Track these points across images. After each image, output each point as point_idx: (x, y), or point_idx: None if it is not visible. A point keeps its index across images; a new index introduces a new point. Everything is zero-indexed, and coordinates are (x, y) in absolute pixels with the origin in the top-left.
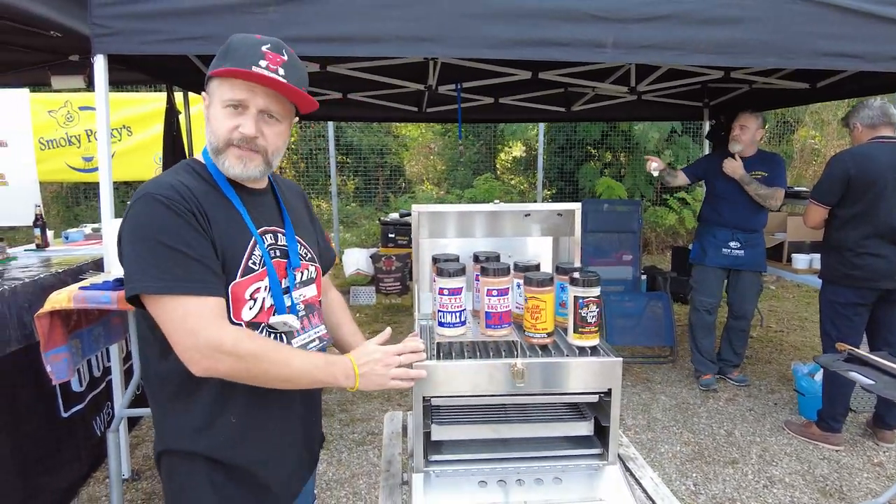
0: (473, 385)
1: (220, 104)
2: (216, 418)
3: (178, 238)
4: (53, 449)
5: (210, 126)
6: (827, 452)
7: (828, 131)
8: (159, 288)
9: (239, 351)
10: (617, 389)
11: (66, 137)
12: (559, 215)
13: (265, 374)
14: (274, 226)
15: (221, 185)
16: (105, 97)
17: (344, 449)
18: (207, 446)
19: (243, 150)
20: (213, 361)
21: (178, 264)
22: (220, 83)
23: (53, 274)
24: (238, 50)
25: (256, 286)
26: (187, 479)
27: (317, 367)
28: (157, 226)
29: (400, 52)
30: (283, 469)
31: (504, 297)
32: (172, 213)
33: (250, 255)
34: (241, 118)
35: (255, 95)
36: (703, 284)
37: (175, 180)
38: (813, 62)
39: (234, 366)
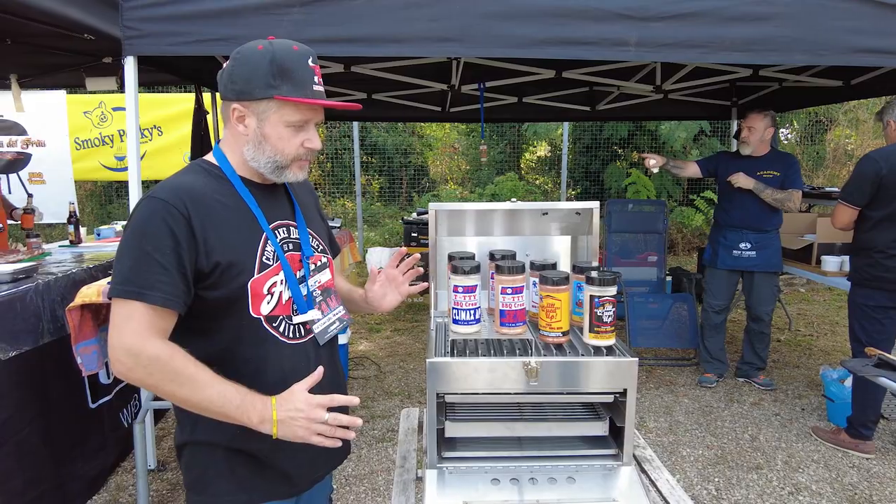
0: (487, 382)
1: (282, 124)
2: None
3: (154, 240)
4: (82, 438)
5: (270, 144)
6: (857, 460)
7: (863, 130)
8: (118, 292)
9: (152, 366)
10: (632, 390)
11: (101, 137)
12: (578, 214)
13: (171, 395)
14: (286, 220)
15: (236, 185)
16: (134, 97)
17: (364, 445)
18: (227, 436)
19: (304, 160)
20: (126, 368)
21: (143, 269)
22: (282, 105)
23: (85, 269)
24: (294, 72)
25: (273, 280)
26: (207, 467)
27: (229, 403)
28: (143, 230)
29: (422, 52)
30: (305, 455)
31: (518, 296)
32: (161, 216)
33: (263, 251)
34: (306, 134)
35: (316, 113)
36: (713, 287)
37: (183, 183)
38: (845, 59)
39: (144, 380)
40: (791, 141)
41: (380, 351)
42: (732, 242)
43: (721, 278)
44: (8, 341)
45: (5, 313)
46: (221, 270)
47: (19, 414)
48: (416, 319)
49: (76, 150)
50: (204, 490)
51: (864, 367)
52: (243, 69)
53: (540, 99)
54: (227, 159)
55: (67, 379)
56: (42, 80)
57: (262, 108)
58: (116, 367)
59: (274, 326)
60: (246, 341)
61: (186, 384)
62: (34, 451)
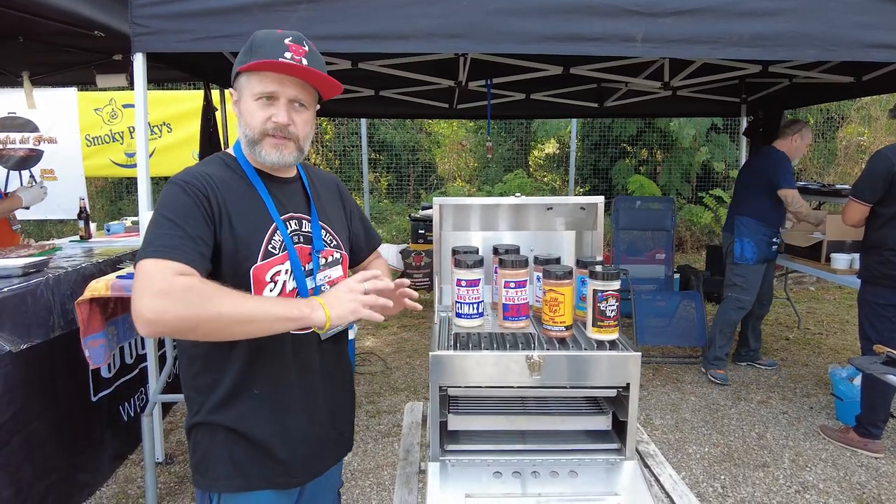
0: (489, 376)
1: (251, 98)
2: (241, 390)
3: (178, 212)
4: (86, 431)
5: (243, 119)
6: (865, 459)
7: (876, 127)
8: (141, 255)
9: (187, 295)
10: (635, 384)
11: (111, 134)
12: (582, 209)
13: (218, 316)
14: (299, 212)
15: (249, 175)
16: (143, 94)
17: (370, 440)
18: (230, 417)
19: (278, 138)
20: (158, 313)
21: (166, 234)
22: (249, 78)
23: (94, 264)
24: (263, 46)
25: (277, 269)
26: (209, 450)
27: (275, 304)
28: (167, 204)
29: (429, 49)
30: (304, 446)
31: (522, 290)
32: (184, 193)
33: (270, 239)
34: (274, 108)
35: (284, 86)
36: (751, 282)
37: (201, 170)
38: (856, 54)
39: (182, 313)
40: None
41: (386, 347)
42: (771, 235)
43: (759, 273)
44: (19, 334)
45: (17, 307)
46: (229, 254)
47: (29, 406)
48: (422, 316)
49: (87, 146)
50: (205, 472)
51: (871, 364)
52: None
53: (548, 95)
54: (241, 149)
55: (74, 372)
56: (53, 78)
57: (239, 86)
58: (148, 318)
59: None
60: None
61: (227, 298)
62: (43, 443)
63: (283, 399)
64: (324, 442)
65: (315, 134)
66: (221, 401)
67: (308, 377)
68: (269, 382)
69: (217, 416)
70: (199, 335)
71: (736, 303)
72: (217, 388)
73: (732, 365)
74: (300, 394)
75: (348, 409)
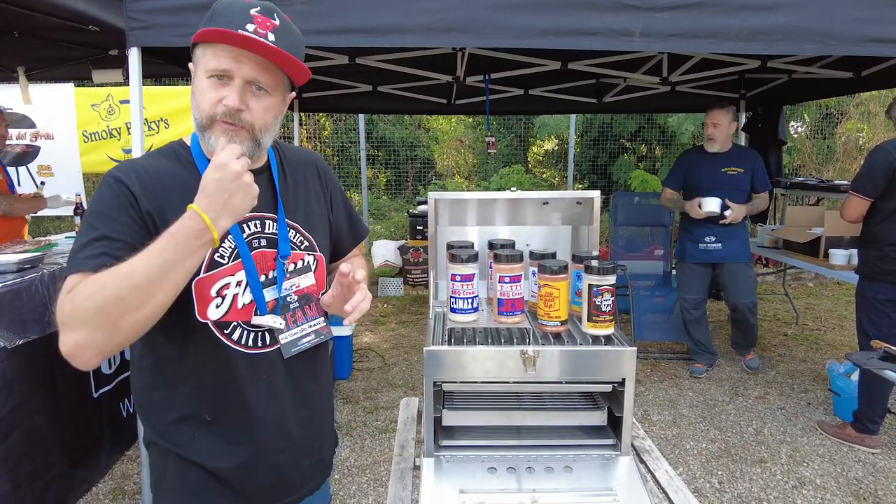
0: (484, 371)
1: (203, 74)
2: (191, 414)
3: (105, 219)
4: (88, 427)
5: (194, 100)
6: (862, 455)
7: (875, 123)
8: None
9: (76, 295)
10: (630, 379)
11: (108, 130)
12: (578, 204)
13: (115, 302)
14: (263, 211)
15: (200, 168)
16: (139, 89)
17: (367, 436)
18: (181, 444)
19: (228, 125)
20: (66, 338)
21: (89, 243)
22: (204, 51)
23: None
24: (223, 14)
25: (225, 282)
26: (163, 474)
27: (162, 254)
28: (93, 202)
29: (428, 43)
30: (269, 476)
31: (516, 284)
32: (113, 194)
33: (217, 246)
34: (227, 89)
35: (240, 65)
36: (684, 281)
37: (140, 163)
38: (855, 49)
39: (78, 311)
40: (802, 134)
41: (384, 343)
42: (698, 237)
43: (691, 272)
44: (14, 330)
45: (11, 302)
46: None
47: (28, 402)
48: (420, 312)
49: (84, 142)
50: (160, 497)
51: (869, 359)
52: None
53: (546, 91)
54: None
55: (75, 369)
56: (50, 73)
57: (194, 60)
58: (63, 349)
59: (226, 333)
60: (194, 349)
61: (113, 281)
62: (43, 439)
63: (239, 427)
64: (295, 469)
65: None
66: (173, 423)
67: (274, 401)
68: (220, 408)
69: (168, 441)
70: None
71: (681, 301)
72: (167, 408)
73: (730, 361)
74: (262, 420)
75: (328, 430)
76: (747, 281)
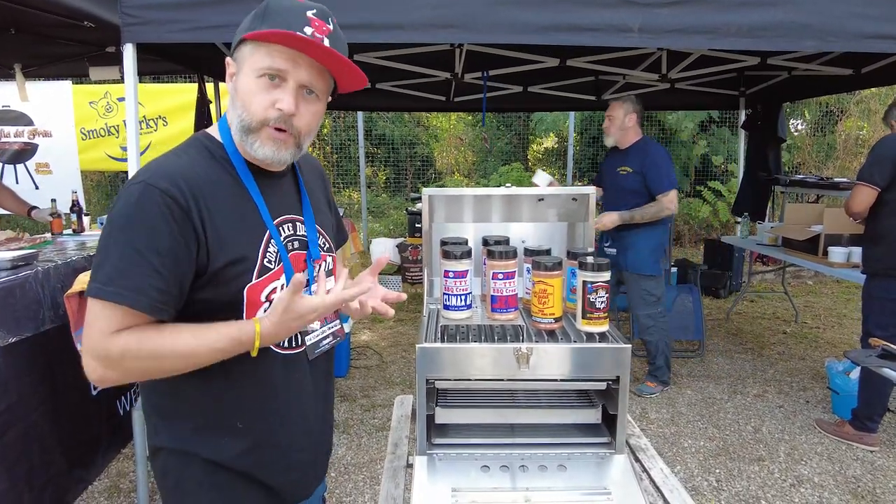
0: (477, 369)
1: (253, 73)
2: (218, 423)
3: (147, 237)
4: (86, 425)
5: (240, 99)
6: (861, 453)
7: (875, 121)
8: (97, 292)
9: (124, 360)
10: (625, 377)
11: (106, 128)
12: (574, 200)
13: (159, 370)
14: (293, 214)
15: (239, 170)
16: (133, 86)
17: (364, 434)
18: (206, 448)
19: (279, 131)
20: (98, 375)
21: (133, 269)
22: (256, 48)
23: (85, 257)
24: (279, 13)
25: (273, 286)
26: (183, 477)
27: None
28: (136, 220)
29: (426, 38)
30: (294, 472)
31: (510, 281)
32: (155, 207)
33: (265, 252)
34: (280, 92)
35: (297, 67)
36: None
37: (181, 165)
38: (855, 45)
39: (124, 377)
40: (802, 132)
41: (382, 341)
42: (600, 240)
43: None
44: (8, 328)
45: (5, 299)
46: (217, 272)
47: (25, 400)
48: (418, 310)
49: (82, 140)
50: (182, 501)
51: (867, 357)
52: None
53: (545, 88)
54: (230, 132)
55: (73, 366)
56: (46, 70)
57: (240, 57)
58: (90, 376)
59: None
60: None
61: (169, 358)
62: (41, 437)
63: (269, 428)
64: (314, 463)
65: None
66: (199, 428)
67: (301, 400)
68: (255, 413)
69: (189, 444)
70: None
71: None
72: (194, 414)
73: (728, 359)
74: (291, 420)
75: (331, 427)
76: (640, 293)
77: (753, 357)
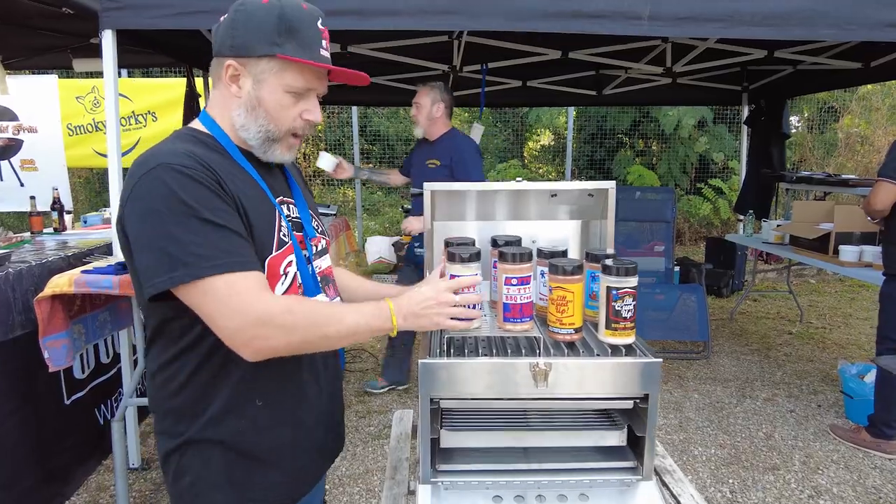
0: (488, 387)
1: (281, 89)
2: (240, 404)
3: (214, 211)
4: (59, 436)
5: (265, 110)
6: (879, 461)
7: (876, 118)
8: (198, 272)
9: (289, 322)
10: (655, 395)
11: (94, 123)
12: (590, 195)
13: (322, 339)
14: (286, 197)
15: (235, 156)
16: (113, 75)
17: (359, 442)
18: (226, 432)
19: (296, 139)
20: (264, 340)
21: (216, 240)
22: (284, 67)
23: (63, 258)
24: (300, 30)
25: (289, 259)
26: (201, 475)
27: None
28: (188, 198)
29: (420, 25)
30: (308, 455)
31: (525, 287)
32: (201, 185)
33: (279, 227)
34: (306, 104)
35: (321, 83)
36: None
37: (187, 149)
38: (875, 34)
39: (288, 340)
40: (800, 129)
41: (377, 343)
42: (410, 240)
43: (405, 276)
44: None
45: None
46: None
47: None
48: None
49: (69, 136)
50: (195, 501)
51: None
52: (246, 22)
53: (545, 83)
54: (218, 126)
55: (45, 374)
56: (30, 62)
57: (260, 69)
58: (253, 347)
59: None
60: None
61: (331, 321)
62: (12, 449)
63: (289, 406)
64: (325, 444)
65: None
66: (213, 418)
67: (317, 376)
68: (276, 389)
69: (209, 431)
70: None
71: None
72: (207, 405)
73: (735, 360)
74: (308, 395)
75: (342, 403)
76: None
77: (760, 358)
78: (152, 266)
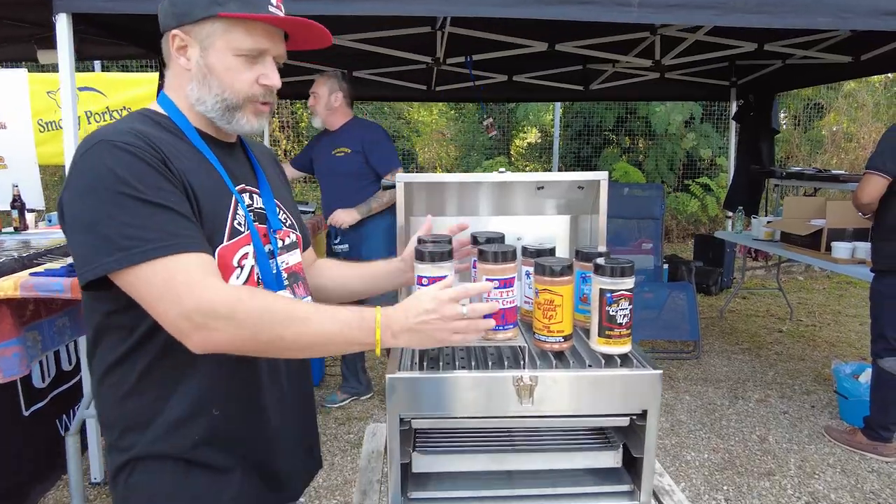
0: (466, 404)
1: (230, 52)
2: (198, 411)
3: (157, 191)
4: (16, 449)
5: (217, 79)
6: (876, 464)
7: (862, 115)
8: (135, 257)
9: (238, 314)
10: (654, 410)
11: None
12: (580, 188)
13: (279, 339)
14: (249, 185)
15: (191, 138)
16: (69, 61)
17: (338, 451)
18: (183, 446)
19: (262, 104)
20: (207, 332)
21: (160, 222)
22: (230, 27)
23: (14, 258)
24: None
25: (244, 251)
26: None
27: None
28: (126, 177)
29: (402, 10)
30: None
31: (509, 290)
32: (143, 162)
33: (234, 215)
34: (262, 68)
35: (275, 43)
36: None
37: (133, 127)
38: (873, 23)
39: (236, 334)
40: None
41: None
42: (331, 238)
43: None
44: None
45: None
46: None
47: None
48: None
49: (40, 132)
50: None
51: None
52: None
53: (531, 77)
54: (175, 106)
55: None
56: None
57: (205, 33)
58: (195, 339)
59: None
60: None
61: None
62: None
63: (251, 414)
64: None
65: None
66: (169, 427)
67: (276, 380)
68: (235, 396)
69: (163, 444)
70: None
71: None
72: (161, 411)
73: (727, 360)
74: (269, 402)
75: (314, 416)
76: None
77: (751, 358)
78: (86, 250)
